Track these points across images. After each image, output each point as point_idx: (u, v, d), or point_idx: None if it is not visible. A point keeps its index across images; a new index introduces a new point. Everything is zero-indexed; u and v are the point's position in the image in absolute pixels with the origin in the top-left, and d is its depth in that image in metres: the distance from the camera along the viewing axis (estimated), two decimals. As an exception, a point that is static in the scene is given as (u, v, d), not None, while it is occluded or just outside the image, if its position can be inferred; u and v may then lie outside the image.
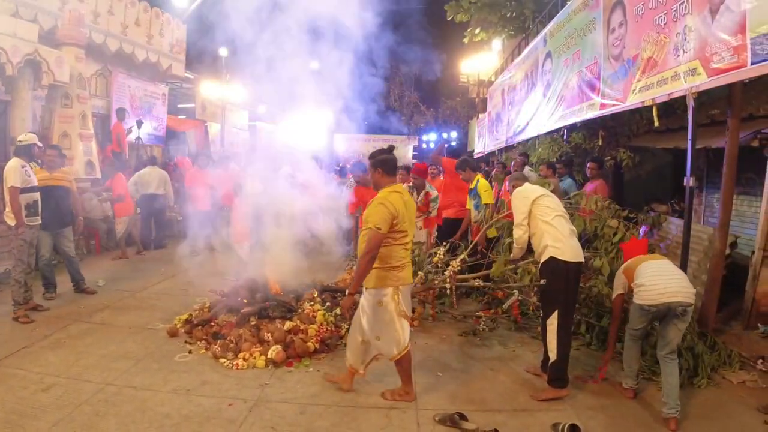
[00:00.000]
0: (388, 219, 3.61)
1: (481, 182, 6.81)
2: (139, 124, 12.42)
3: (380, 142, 25.15)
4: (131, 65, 13.17)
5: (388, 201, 3.66)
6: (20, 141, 5.96)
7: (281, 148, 8.90)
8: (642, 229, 7.31)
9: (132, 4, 12.68)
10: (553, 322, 4.07)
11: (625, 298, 4.25)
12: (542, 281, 4.15)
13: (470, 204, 6.91)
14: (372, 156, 3.96)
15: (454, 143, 22.65)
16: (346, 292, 3.85)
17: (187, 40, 14.78)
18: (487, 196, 6.64)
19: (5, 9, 9.03)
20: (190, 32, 14.76)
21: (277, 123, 14.37)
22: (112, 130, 11.63)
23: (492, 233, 6.37)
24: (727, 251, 5.68)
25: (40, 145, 6.17)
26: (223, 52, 16.44)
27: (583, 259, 4.22)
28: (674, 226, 6.54)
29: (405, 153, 24.00)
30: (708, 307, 5.18)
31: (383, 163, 3.87)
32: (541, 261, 4.15)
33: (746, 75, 4.14)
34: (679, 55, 4.94)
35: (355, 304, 3.96)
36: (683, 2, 4.85)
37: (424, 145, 24.47)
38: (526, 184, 4.58)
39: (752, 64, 3.99)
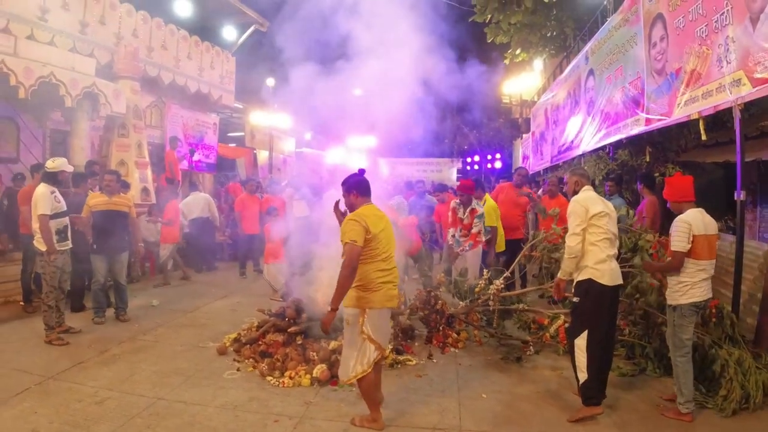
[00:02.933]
0: (361, 233, 3.61)
1: (488, 203, 7.24)
2: (192, 152, 12.95)
3: (424, 165, 25.27)
4: (184, 96, 13.76)
5: (359, 216, 3.69)
6: (48, 168, 5.94)
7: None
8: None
9: (184, 38, 13.31)
10: (582, 342, 4.02)
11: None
12: (575, 298, 4.10)
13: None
14: (345, 181, 3.99)
15: (498, 164, 22.49)
16: (329, 309, 3.70)
17: (236, 72, 15.38)
18: (491, 219, 7.11)
19: (64, 44, 9.64)
20: (239, 64, 15.36)
21: (324, 149, 14.72)
22: (165, 157, 12.15)
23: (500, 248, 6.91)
24: (784, 266, 5.45)
25: (70, 170, 6.18)
26: (270, 82, 16.97)
27: (621, 281, 4.15)
28: (727, 242, 6.31)
29: (449, 175, 23.98)
30: (763, 326, 4.95)
31: (357, 186, 3.93)
32: (577, 279, 4.08)
33: (792, 84, 4.03)
34: (722, 67, 4.85)
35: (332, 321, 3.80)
36: (723, 13, 4.78)
37: (468, 167, 24.38)
38: (590, 193, 4.24)
39: (798, 72, 3.89)
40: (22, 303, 7.10)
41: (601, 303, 4.00)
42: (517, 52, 13.80)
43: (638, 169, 8.01)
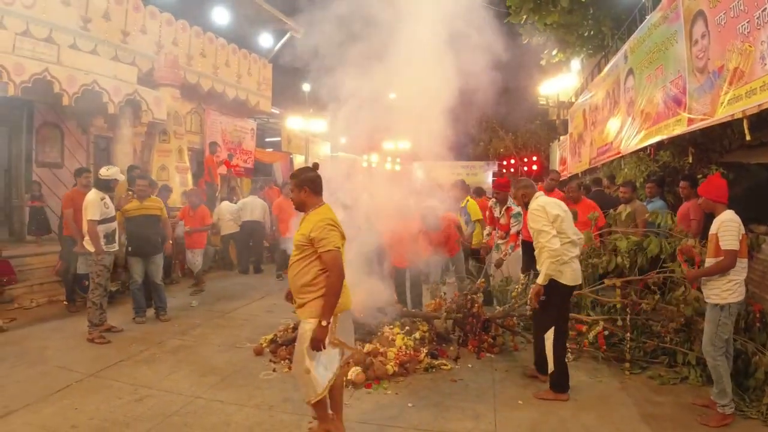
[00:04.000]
0: (340, 238, 3.51)
1: (470, 202, 7.83)
2: (230, 157, 13.21)
3: (460, 168, 25.10)
4: (222, 103, 14.06)
5: (334, 221, 3.51)
6: (101, 175, 6.26)
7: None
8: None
9: (222, 46, 13.61)
10: (550, 337, 4.40)
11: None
12: (542, 297, 4.36)
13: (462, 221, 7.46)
14: (295, 175, 3.69)
15: (534, 167, 22.18)
16: (321, 323, 3.36)
17: (273, 78, 15.63)
18: (476, 214, 7.76)
19: (106, 53, 9.98)
20: (276, 70, 15.61)
21: (359, 153, 14.77)
22: (205, 162, 12.43)
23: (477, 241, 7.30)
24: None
25: (120, 179, 6.53)
26: (305, 87, 17.18)
27: (580, 282, 4.63)
28: (775, 246, 6.07)
29: (485, 178, 23.80)
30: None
31: (311, 182, 3.62)
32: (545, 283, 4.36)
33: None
34: (766, 64, 4.66)
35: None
36: (765, 9, 4.60)
37: (504, 170, 24.16)
38: (544, 198, 4.62)
39: None
40: (65, 302, 7.34)
41: (563, 301, 4.50)
42: (554, 52, 13.60)
43: (680, 170, 7.78)
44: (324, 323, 3.36)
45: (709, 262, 4.17)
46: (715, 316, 4.01)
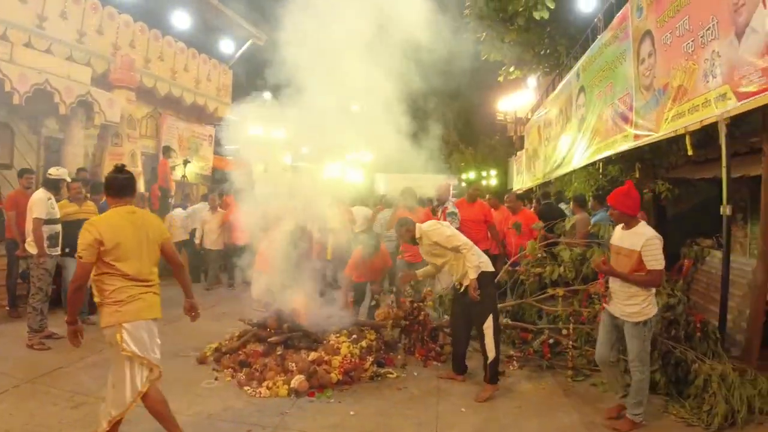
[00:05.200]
0: (91, 244, 3.23)
1: None
2: (186, 163, 12.93)
3: (421, 181, 25.18)
4: (180, 108, 13.82)
5: (94, 224, 3.31)
6: (50, 174, 6.15)
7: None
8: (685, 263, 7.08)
9: (181, 50, 13.41)
10: (489, 326, 4.65)
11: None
12: (477, 292, 4.61)
13: None
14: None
15: (493, 181, 22.53)
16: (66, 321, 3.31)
17: (233, 84, 15.45)
18: None
19: (60, 53, 9.71)
20: (236, 76, 15.44)
21: (320, 163, 14.73)
22: (158, 167, 12.15)
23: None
24: (773, 284, 5.40)
25: (69, 180, 6.40)
26: (266, 95, 17.04)
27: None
28: (717, 259, 6.28)
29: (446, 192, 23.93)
30: (751, 340, 4.91)
31: (107, 186, 3.51)
32: (476, 277, 4.65)
33: (776, 97, 4.02)
34: (708, 81, 4.85)
35: (78, 333, 3.48)
36: (710, 28, 4.80)
37: (463, 184, 24.44)
38: (429, 223, 5.10)
39: (782, 84, 3.88)
40: (7, 308, 7.03)
41: (493, 286, 4.92)
42: (511, 69, 13.88)
43: (627, 185, 7.99)
44: (66, 321, 3.41)
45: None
46: (640, 332, 3.96)
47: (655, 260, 3.90)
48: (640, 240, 3.93)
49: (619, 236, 4.15)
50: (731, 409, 4.01)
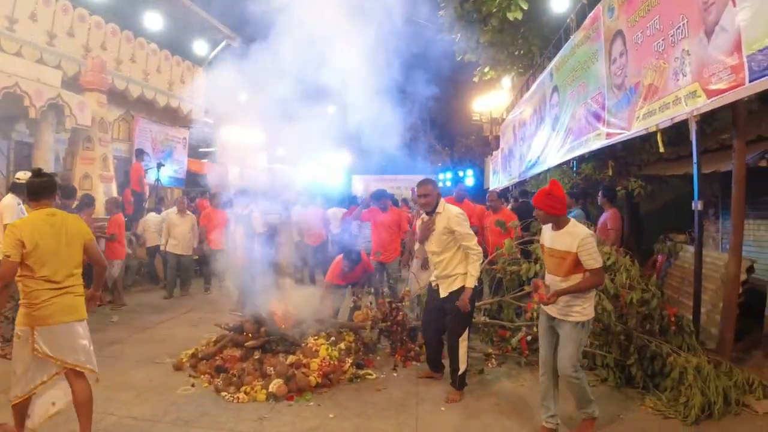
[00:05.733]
0: (17, 245, 3.27)
1: None
2: (159, 166, 12.72)
3: (399, 182, 25.32)
4: (153, 110, 13.62)
5: (17, 226, 3.36)
6: (18, 179, 6.00)
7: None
8: (659, 258, 7.20)
9: (154, 52, 13.21)
10: (465, 338, 4.56)
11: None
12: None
13: None
14: None
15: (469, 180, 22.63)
16: None
17: (208, 87, 15.27)
18: None
19: (30, 55, 9.51)
20: (211, 79, 15.24)
21: (296, 165, 14.65)
22: (131, 171, 11.94)
23: None
24: (744, 277, 5.51)
25: None
26: (242, 97, 16.88)
27: None
28: (690, 253, 6.39)
29: (423, 192, 23.94)
30: (725, 333, 4.99)
31: (27, 190, 3.59)
32: (467, 286, 4.48)
33: (745, 93, 4.10)
34: (678, 80, 4.94)
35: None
36: (680, 27, 4.88)
37: (440, 184, 24.57)
38: (460, 210, 4.69)
39: (750, 81, 3.96)
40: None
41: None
42: (486, 70, 13.97)
43: (601, 182, 8.10)
44: None
45: (554, 280, 3.84)
46: (577, 334, 3.71)
47: (593, 259, 3.64)
48: (574, 240, 3.67)
49: (550, 237, 3.87)
50: (708, 400, 4.07)
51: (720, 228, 7.50)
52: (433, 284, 4.82)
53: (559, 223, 3.80)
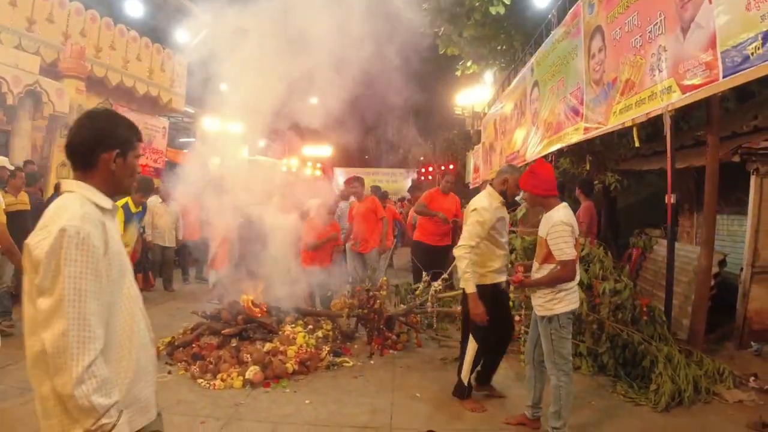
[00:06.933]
0: None
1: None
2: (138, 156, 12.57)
3: (380, 175, 25.34)
4: (132, 99, 13.44)
5: None
6: None
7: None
8: (634, 252, 7.33)
9: (134, 39, 13.04)
10: (473, 345, 4.07)
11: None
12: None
13: None
14: None
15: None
16: None
17: (188, 75, 15.10)
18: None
19: (8, 41, 9.33)
20: (192, 67, 15.08)
21: (277, 157, 14.58)
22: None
23: None
24: (716, 270, 5.65)
25: (11, 168, 6.09)
26: (223, 86, 16.74)
27: None
28: (665, 247, 6.50)
29: (405, 185, 24.08)
30: (696, 325, 5.11)
31: None
32: (483, 283, 4.03)
33: (719, 88, 4.20)
34: (654, 75, 5.02)
35: None
36: (657, 23, 4.96)
37: (423, 177, 24.62)
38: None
39: (724, 77, 4.04)
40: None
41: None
42: (468, 64, 14.00)
43: (579, 176, 8.20)
44: None
45: (534, 267, 3.68)
46: (546, 329, 3.51)
47: (559, 249, 3.37)
48: (546, 226, 3.49)
49: (542, 221, 3.65)
50: (678, 388, 4.17)
51: (695, 223, 7.64)
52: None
53: (547, 206, 3.56)
